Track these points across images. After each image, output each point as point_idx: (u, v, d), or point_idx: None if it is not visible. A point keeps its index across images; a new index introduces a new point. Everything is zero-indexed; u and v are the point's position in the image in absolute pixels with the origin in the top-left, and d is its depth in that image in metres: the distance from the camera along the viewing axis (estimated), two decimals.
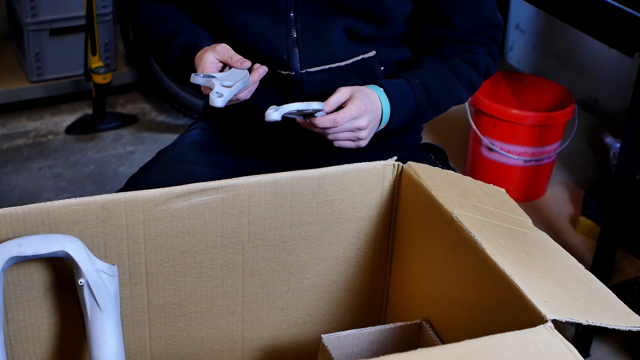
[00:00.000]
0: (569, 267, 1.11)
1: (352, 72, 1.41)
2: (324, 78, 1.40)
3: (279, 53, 1.38)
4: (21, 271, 1.15)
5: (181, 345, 1.30)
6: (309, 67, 1.39)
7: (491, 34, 1.47)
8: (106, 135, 2.91)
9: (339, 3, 1.37)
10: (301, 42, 1.38)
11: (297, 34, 1.38)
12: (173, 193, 1.18)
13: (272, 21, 1.38)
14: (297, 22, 1.38)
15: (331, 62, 1.40)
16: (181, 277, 1.24)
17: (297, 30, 1.38)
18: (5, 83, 2.99)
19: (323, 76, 1.40)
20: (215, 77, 1.28)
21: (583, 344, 2.00)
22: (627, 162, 1.85)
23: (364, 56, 1.41)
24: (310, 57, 1.39)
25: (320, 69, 1.40)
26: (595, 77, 2.82)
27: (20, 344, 1.19)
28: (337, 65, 1.40)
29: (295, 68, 1.39)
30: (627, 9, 1.82)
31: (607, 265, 1.97)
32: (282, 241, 1.28)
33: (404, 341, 1.25)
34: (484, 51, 1.46)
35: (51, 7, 2.90)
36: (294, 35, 1.38)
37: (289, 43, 1.38)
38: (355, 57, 1.41)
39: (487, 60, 1.47)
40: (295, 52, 1.39)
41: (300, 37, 1.38)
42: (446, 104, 1.46)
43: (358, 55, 1.41)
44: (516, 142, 2.36)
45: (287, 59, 1.38)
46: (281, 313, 1.34)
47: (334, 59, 1.40)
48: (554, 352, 0.93)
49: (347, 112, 1.29)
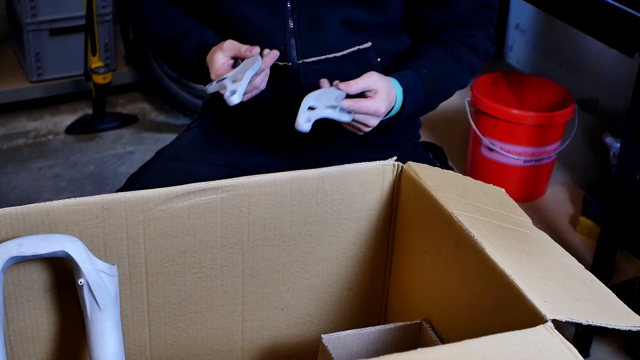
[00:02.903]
0: (569, 267, 1.11)
1: (349, 63, 1.42)
2: (320, 68, 1.41)
3: (276, 44, 1.39)
4: (21, 271, 1.15)
5: (181, 345, 1.30)
6: (305, 57, 1.40)
7: (487, 15, 1.48)
8: (106, 135, 2.91)
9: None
10: (298, 33, 1.40)
11: (294, 25, 1.39)
12: (173, 193, 1.18)
13: (270, 13, 1.39)
14: (293, 12, 1.39)
15: (327, 52, 1.41)
16: (181, 277, 1.24)
17: (294, 21, 1.39)
18: (5, 83, 2.99)
19: (319, 67, 1.41)
20: (226, 78, 1.29)
21: (583, 344, 2.00)
22: (627, 162, 1.85)
23: (360, 47, 1.42)
24: (307, 47, 1.40)
25: (317, 60, 1.41)
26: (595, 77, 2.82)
27: (20, 344, 1.19)
28: (333, 56, 1.41)
29: (292, 59, 1.40)
30: (627, 9, 1.82)
31: (607, 265, 1.97)
32: (282, 241, 1.28)
33: (404, 341, 1.25)
34: (481, 33, 1.47)
35: (51, 7, 2.90)
36: (291, 26, 1.39)
37: (286, 34, 1.40)
38: (352, 48, 1.41)
39: (485, 42, 1.48)
40: (292, 43, 1.40)
41: (297, 28, 1.39)
42: (451, 91, 1.48)
43: (354, 46, 1.42)
44: (516, 142, 2.36)
45: (284, 49, 1.39)
46: (281, 313, 1.34)
47: (330, 49, 1.41)
48: (554, 352, 0.93)
49: (367, 106, 1.29)
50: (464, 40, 1.45)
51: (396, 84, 1.36)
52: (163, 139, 2.88)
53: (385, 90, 1.32)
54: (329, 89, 1.30)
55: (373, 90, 1.31)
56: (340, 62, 1.42)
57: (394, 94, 1.35)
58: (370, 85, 1.31)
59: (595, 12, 1.91)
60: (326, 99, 1.28)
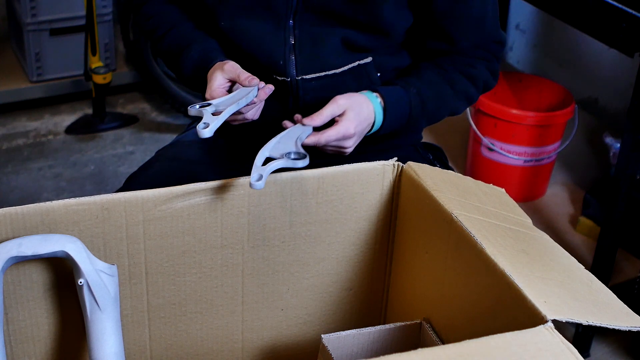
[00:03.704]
0: (569, 267, 1.11)
1: (348, 78, 1.41)
2: (319, 84, 1.40)
3: (276, 59, 1.38)
4: (21, 271, 1.15)
5: (181, 345, 1.30)
6: (304, 73, 1.39)
7: (492, 49, 1.46)
8: (106, 135, 2.91)
9: (338, 14, 1.37)
10: (298, 49, 1.38)
11: (295, 41, 1.38)
12: (173, 193, 1.18)
13: (271, 27, 1.38)
14: (295, 29, 1.38)
15: (327, 69, 1.40)
16: (181, 277, 1.24)
17: (295, 38, 1.38)
18: (5, 83, 2.99)
19: (318, 83, 1.40)
20: (211, 105, 1.24)
21: (583, 344, 2.00)
22: (627, 162, 1.85)
23: (360, 62, 1.41)
24: (306, 64, 1.39)
25: (316, 76, 1.40)
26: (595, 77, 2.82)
27: (20, 344, 1.19)
28: (332, 72, 1.40)
29: (291, 74, 1.39)
30: (627, 9, 1.82)
31: (607, 265, 1.97)
32: (282, 241, 1.28)
33: (404, 341, 1.25)
34: (483, 66, 1.45)
35: (51, 7, 2.90)
36: (292, 42, 1.38)
37: (286, 49, 1.38)
38: (352, 64, 1.40)
39: (486, 75, 1.46)
40: (292, 59, 1.39)
41: (297, 44, 1.38)
42: (439, 116, 1.46)
43: (354, 61, 1.41)
44: (516, 142, 2.36)
45: (283, 64, 1.38)
46: (281, 313, 1.34)
47: (329, 66, 1.40)
48: (554, 352, 0.92)
49: (333, 135, 1.28)
50: (464, 70, 1.43)
51: (373, 97, 1.34)
52: (163, 139, 2.88)
53: (354, 109, 1.30)
54: (293, 128, 1.28)
55: (340, 114, 1.29)
56: (340, 78, 1.41)
57: (371, 108, 1.33)
58: (335, 112, 1.29)
59: (595, 12, 1.91)
60: (285, 143, 1.24)
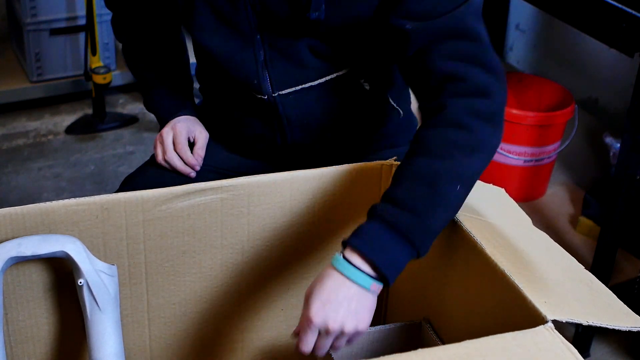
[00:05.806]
0: (569, 267, 1.11)
1: (326, 90, 1.35)
2: (297, 98, 1.34)
3: (249, 77, 1.33)
4: (21, 271, 1.15)
5: (181, 345, 1.30)
6: (280, 89, 1.33)
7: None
8: (106, 135, 2.91)
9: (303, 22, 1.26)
10: (269, 64, 1.32)
11: (265, 56, 1.31)
12: (173, 193, 1.18)
13: (239, 45, 1.31)
14: (264, 43, 1.31)
15: (303, 82, 1.34)
16: (181, 277, 1.24)
17: (265, 52, 1.31)
18: (5, 83, 2.99)
19: (297, 97, 1.34)
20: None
21: (583, 344, 1.99)
22: (627, 162, 1.85)
23: (338, 74, 1.34)
24: (280, 78, 1.33)
25: (292, 90, 1.34)
26: (595, 77, 2.82)
27: (20, 344, 1.19)
28: (309, 85, 1.34)
29: (267, 91, 1.33)
30: (627, 9, 1.81)
31: (607, 265, 1.97)
32: (282, 241, 1.28)
33: (404, 341, 1.25)
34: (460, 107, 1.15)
35: (51, 7, 2.90)
36: (262, 58, 1.31)
37: (258, 66, 1.32)
38: (328, 76, 1.34)
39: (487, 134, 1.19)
40: (265, 75, 1.32)
41: (268, 59, 1.31)
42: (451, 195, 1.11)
43: (330, 74, 1.34)
44: (516, 142, 2.36)
45: (257, 83, 1.33)
46: (281, 313, 1.34)
47: (304, 79, 1.33)
48: (554, 352, 0.92)
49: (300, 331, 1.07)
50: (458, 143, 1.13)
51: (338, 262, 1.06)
52: None
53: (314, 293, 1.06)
54: None
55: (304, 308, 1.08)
56: (318, 91, 1.34)
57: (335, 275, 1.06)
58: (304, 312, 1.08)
59: (595, 12, 1.91)
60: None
